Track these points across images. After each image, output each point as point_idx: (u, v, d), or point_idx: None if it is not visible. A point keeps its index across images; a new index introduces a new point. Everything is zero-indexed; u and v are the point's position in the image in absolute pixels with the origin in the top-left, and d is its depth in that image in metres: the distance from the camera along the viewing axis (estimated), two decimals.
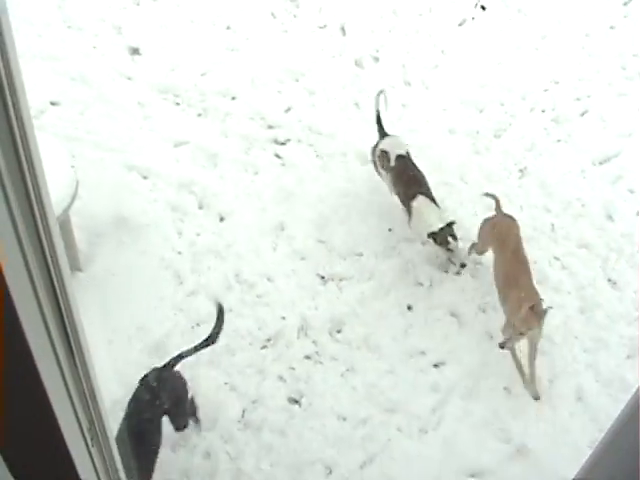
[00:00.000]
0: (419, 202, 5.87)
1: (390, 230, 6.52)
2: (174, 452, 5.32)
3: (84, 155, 6.74)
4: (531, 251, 6.38)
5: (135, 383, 5.15)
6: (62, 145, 6.15)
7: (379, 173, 6.37)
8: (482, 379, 5.72)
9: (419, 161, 6.60)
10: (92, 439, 1.58)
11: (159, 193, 6.67)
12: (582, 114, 7.56)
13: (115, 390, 5.39)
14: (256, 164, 6.94)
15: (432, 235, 5.64)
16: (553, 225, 6.65)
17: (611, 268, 6.41)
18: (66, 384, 1.41)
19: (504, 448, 5.39)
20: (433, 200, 5.99)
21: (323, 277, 6.23)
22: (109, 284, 6.02)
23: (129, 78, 7.56)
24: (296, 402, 5.59)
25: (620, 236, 6.60)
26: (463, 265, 5.72)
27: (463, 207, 6.71)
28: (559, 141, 7.33)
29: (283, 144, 7.13)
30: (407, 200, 5.98)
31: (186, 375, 5.60)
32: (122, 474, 1.82)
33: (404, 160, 6.05)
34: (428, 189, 6.05)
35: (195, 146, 7.06)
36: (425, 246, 6.38)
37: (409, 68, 7.80)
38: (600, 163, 7.16)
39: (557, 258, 6.44)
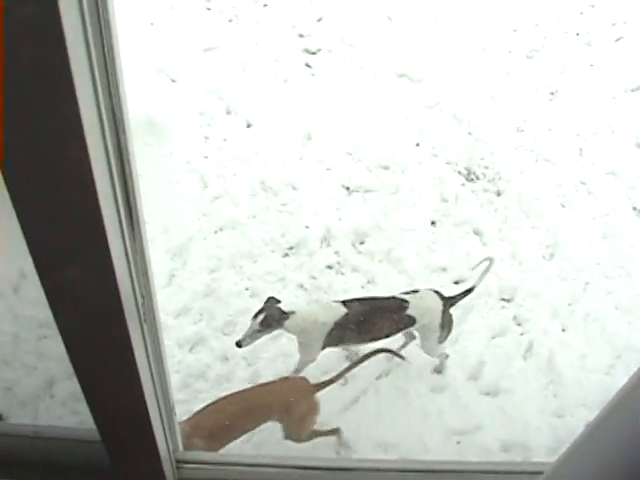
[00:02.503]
0: (324, 304, 5.11)
1: (418, 145, 6.49)
2: (192, 353, 5.35)
3: None
4: (558, 174, 6.38)
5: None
6: None
7: None
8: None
9: (452, 79, 6.59)
10: (144, 314, 1.60)
11: (187, 97, 6.64)
12: (617, 40, 7.48)
13: None
14: (285, 72, 6.90)
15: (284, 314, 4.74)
16: (581, 149, 6.62)
17: (637, 196, 6.37)
18: (126, 251, 1.42)
19: (524, 365, 5.40)
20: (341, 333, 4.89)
21: (348, 188, 6.21)
22: (140, 190, 5.99)
23: None
24: None
25: None
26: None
27: (491, 125, 6.67)
28: (592, 66, 7.27)
29: (314, 54, 7.07)
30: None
31: (207, 279, 5.64)
32: (164, 351, 1.84)
33: (390, 304, 4.95)
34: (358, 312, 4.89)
35: (225, 52, 7.01)
36: (450, 165, 6.40)
37: None
38: (632, 90, 7.10)
39: (583, 183, 6.41)
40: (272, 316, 4.66)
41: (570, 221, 6.08)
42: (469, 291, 5.12)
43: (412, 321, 4.88)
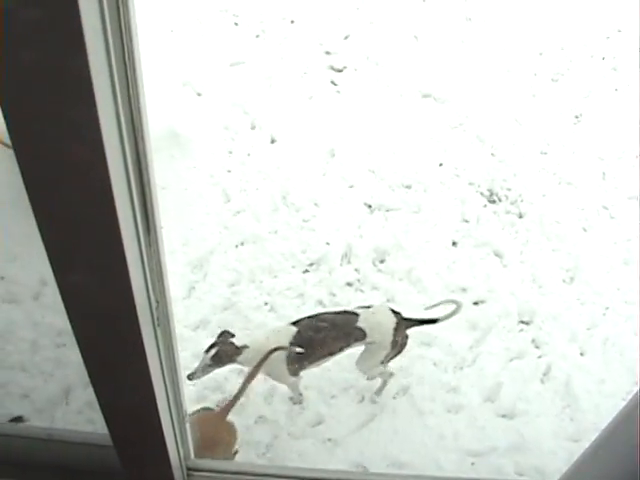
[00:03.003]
0: (281, 328, 4.96)
1: (441, 165, 6.50)
2: None
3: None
4: (580, 198, 6.36)
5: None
6: None
7: None
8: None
9: (476, 100, 6.59)
10: (158, 318, 1.61)
11: (212, 111, 6.67)
12: None
13: None
14: (311, 89, 6.93)
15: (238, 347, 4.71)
16: (604, 174, 6.60)
17: None
18: (142, 256, 1.44)
19: (541, 389, 5.38)
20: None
21: (370, 206, 6.21)
22: (158, 197, 6.02)
23: None
24: None
25: None
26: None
27: (515, 147, 6.67)
28: (617, 90, 7.26)
29: (339, 71, 7.10)
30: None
31: (226, 292, 5.65)
32: (178, 358, 1.85)
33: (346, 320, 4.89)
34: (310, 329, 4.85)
35: (251, 67, 7.06)
36: (472, 186, 6.40)
37: (471, 2, 7.74)
38: None
39: (605, 207, 6.39)
40: (225, 351, 4.63)
41: (591, 245, 6.07)
42: (432, 321, 5.03)
43: (363, 334, 4.82)
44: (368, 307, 5.00)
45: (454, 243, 6.06)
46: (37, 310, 5.18)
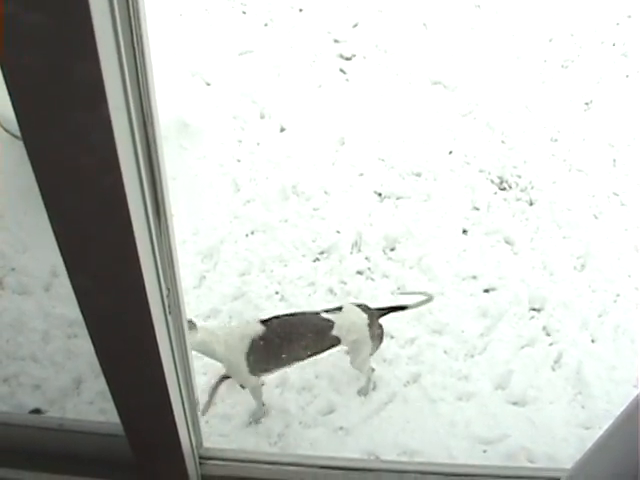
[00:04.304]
0: (241, 325, 4.88)
1: (450, 152, 6.48)
2: None
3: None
4: (591, 185, 6.35)
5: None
6: None
7: None
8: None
9: (486, 87, 6.57)
10: (169, 306, 1.61)
11: (221, 100, 6.66)
12: None
13: None
14: (320, 77, 6.92)
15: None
16: (615, 160, 6.58)
17: None
18: (152, 244, 1.44)
19: (553, 376, 5.38)
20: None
21: (380, 194, 6.20)
22: (169, 187, 6.02)
23: None
24: None
25: None
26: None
27: (525, 135, 6.65)
28: (627, 76, 7.23)
29: (348, 59, 7.09)
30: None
31: (237, 281, 5.65)
32: (189, 349, 1.85)
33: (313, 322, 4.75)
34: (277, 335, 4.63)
35: (260, 56, 7.04)
36: (482, 173, 6.38)
37: None
38: None
39: (616, 194, 6.37)
40: None
41: (602, 232, 6.05)
42: (401, 308, 5.01)
43: (337, 340, 4.71)
44: (338, 309, 4.80)
45: (464, 231, 6.05)
46: (48, 301, 5.20)
